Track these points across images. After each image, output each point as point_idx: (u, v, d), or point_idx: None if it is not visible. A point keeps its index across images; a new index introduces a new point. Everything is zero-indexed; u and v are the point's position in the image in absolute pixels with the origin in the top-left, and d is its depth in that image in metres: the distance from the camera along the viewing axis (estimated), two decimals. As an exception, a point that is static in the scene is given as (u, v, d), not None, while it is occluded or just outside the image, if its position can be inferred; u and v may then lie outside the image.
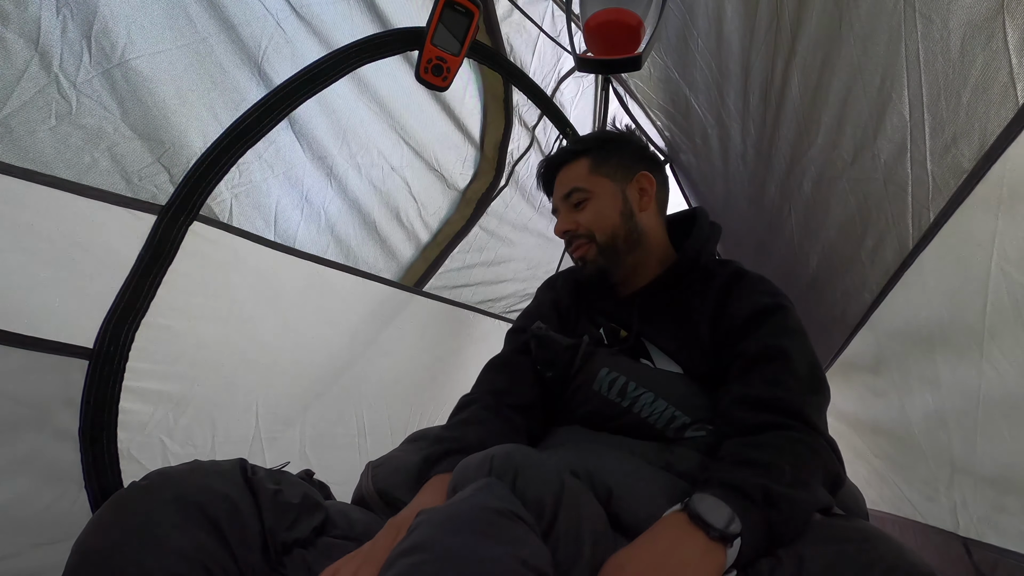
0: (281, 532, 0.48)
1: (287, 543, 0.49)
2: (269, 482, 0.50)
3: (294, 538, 0.49)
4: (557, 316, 0.82)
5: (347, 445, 1.18)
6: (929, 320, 0.79)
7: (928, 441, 0.84)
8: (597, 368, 0.69)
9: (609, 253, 0.76)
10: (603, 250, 0.76)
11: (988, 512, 0.72)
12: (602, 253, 0.76)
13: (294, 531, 0.50)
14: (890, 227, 0.84)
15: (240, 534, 0.45)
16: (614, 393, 0.67)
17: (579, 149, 0.82)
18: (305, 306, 1.03)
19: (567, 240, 0.80)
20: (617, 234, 0.76)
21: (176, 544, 0.41)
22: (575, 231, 0.77)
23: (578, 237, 0.77)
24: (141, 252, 0.75)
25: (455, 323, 1.43)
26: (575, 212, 0.78)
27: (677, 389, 0.67)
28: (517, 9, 1.12)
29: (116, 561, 0.39)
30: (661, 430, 0.65)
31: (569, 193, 0.79)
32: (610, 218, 0.77)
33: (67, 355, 0.71)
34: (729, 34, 1.00)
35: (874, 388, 1.02)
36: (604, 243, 0.76)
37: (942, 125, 0.69)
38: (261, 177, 0.89)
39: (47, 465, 0.72)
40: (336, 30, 0.88)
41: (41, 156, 0.64)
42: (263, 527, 0.47)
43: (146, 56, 0.69)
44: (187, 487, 0.44)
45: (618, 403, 0.67)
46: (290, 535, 0.49)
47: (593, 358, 0.70)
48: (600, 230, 0.76)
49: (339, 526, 0.55)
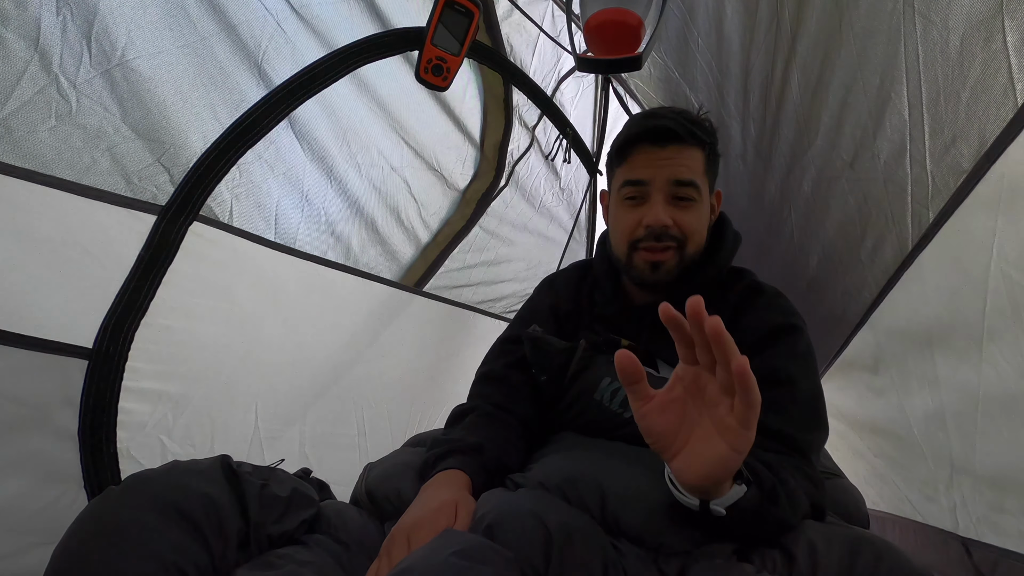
0: (269, 525, 0.48)
1: (274, 536, 0.48)
2: (256, 477, 0.50)
3: (282, 531, 0.49)
4: (555, 321, 0.76)
5: (348, 446, 1.18)
6: (928, 320, 0.79)
7: (927, 441, 0.84)
8: (599, 377, 0.67)
9: (687, 268, 0.67)
10: (685, 263, 0.67)
11: (987, 512, 0.72)
12: (681, 265, 0.67)
13: (282, 524, 0.49)
14: (890, 227, 0.84)
15: (219, 531, 0.44)
16: (616, 404, 0.65)
17: (700, 137, 0.67)
18: (305, 306, 1.03)
19: (653, 234, 0.66)
20: (700, 246, 0.68)
21: (150, 547, 0.40)
22: (670, 229, 0.65)
23: (669, 237, 0.66)
24: (141, 252, 0.75)
25: (455, 323, 1.43)
26: (676, 208, 0.66)
27: None
28: (517, 9, 1.12)
29: (90, 566, 0.39)
30: None
31: (686, 182, 0.65)
32: (703, 231, 0.68)
33: (67, 355, 0.71)
34: (729, 34, 1.00)
35: (874, 387, 1.02)
36: (691, 256, 0.67)
37: (941, 125, 0.69)
38: (261, 177, 0.89)
39: (47, 465, 0.72)
40: (336, 30, 0.88)
41: (41, 156, 0.64)
42: (247, 522, 0.46)
43: (146, 56, 0.69)
44: (163, 488, 0.44)
45: (619, 414, 0.65)
46: (278, 528, 0.49)
47: (594, 366, 0.68)
48: (694, 241, 0.67)
49: (334, 525, 0.55)
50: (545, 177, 1.50)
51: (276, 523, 0.49)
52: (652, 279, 0.68)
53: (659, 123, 0.67)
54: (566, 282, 0.80)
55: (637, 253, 0.68)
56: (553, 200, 1.57)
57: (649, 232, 0.66)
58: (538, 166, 1.46)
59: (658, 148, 0.66)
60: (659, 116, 0.68)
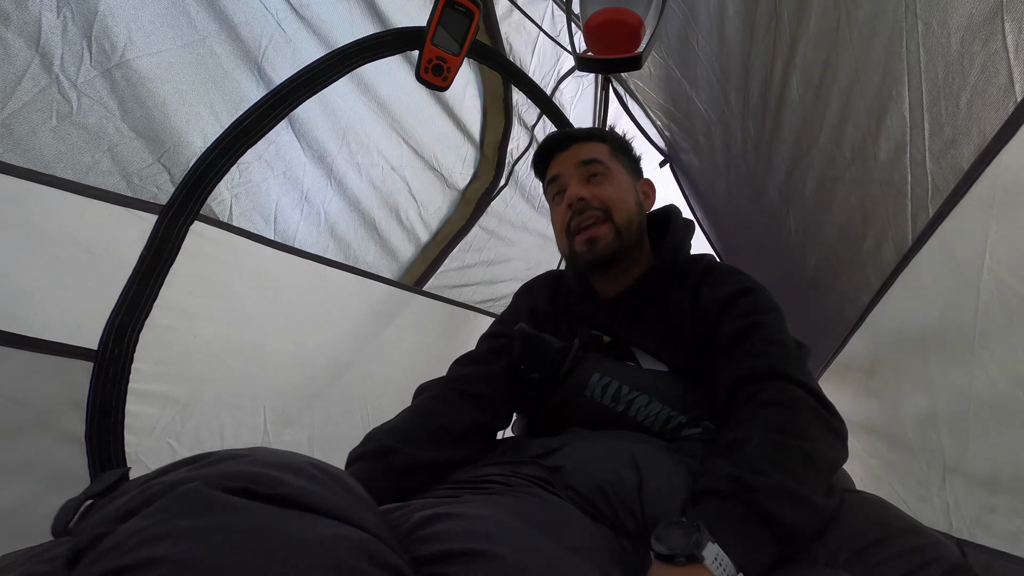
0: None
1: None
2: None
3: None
4: (535, 322, 0.79)
5: (353, 447, 1.18)
6: (923, 322, 0.79)
7: (921, 442, 0.85)
8: (588, 374, 0.68)
9: (624, 237, 0.72)
10: (619, 232, 0.72)
11: (980, 513, 0.72)
12: (618, 236, 0.72)
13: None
14: (889, 227, 0.84)
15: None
16: (607, 398, 0.67)
17: (597, 133, 0.80)
18: (306, 305, 1.04)
19: (576, 211, 0.73)
20: (631, 220, 0.74)
21: None
22: (589, 202, 0.72)
23: (592, 210, 0.72)
24: (143, 252, 0.75)
25: (455, 322, 1.43)
26: (591, 185, 0.74)
27: (670, 389, 0.67)
28: (517, 9, 1.12)
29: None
30: (658, 432, 0.65)
31: (589, 161, 0.75)
32: (628, 201, 0.74)
33: (71, 356, 0.71)
34: (730, 34, 1.00)
35: (869, 389, 1.03)
36: (621, 223, 0.72)
37: (941, 126, 0.69)
38: (261, 177, 0.90)
39: (53, 468, 0.71)
40: (336, 30, 0.88)
41: (42, 156, 0.65)
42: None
43: (146, 56, 0.70)
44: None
45: (612, 408, 0.66)
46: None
47: (583, 363, 0.69)
48: (618, 209, 0.73)
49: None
50: (545, 176, 1.50)
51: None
52: (594, 256, 0.72)
53: (556, 134, 0.83)
54: (543, 286, 0.85)
55: (574, 240, 0.74)
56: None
57: (573, 211, 0.73)
58: (538, 165, 1.46)
59: (563, 150, 0.78)
60: (556, 131, 0.85)
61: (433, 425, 0.66)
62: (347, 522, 0.30)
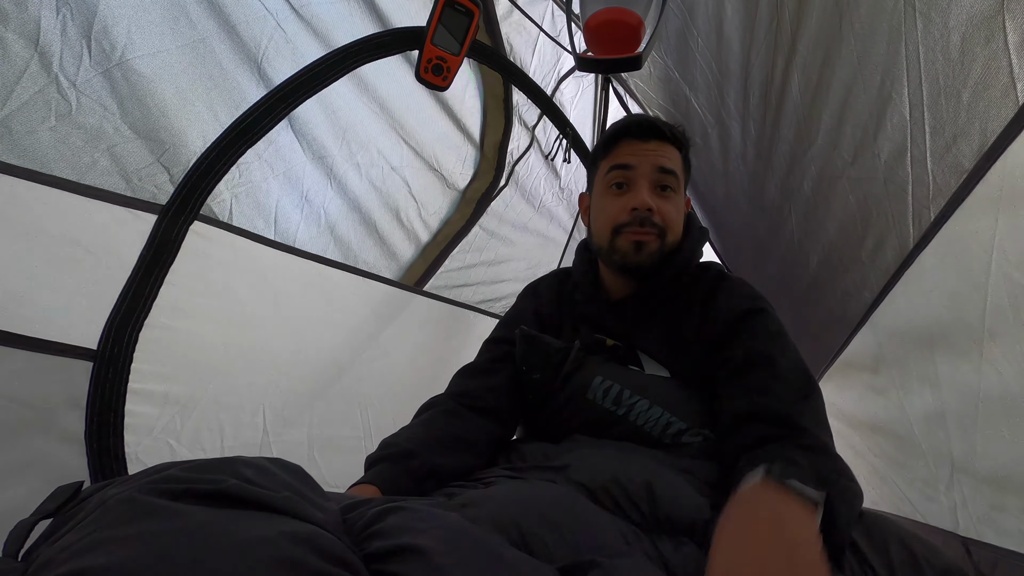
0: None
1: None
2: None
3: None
4: (539, 324, 0.79)
5: (354, 448, 1.17)
6: (929, 319, 0.79)
7: (928, 440, 0.84)
8: (591, 376, 0.67)
9: (665, 257, 0.71)
10: (664, 251, 0.70)
11: (987, 512, 0.72)
12: (661, 253, 0.70)
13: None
14: (890, 227, 0.84)
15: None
16: (609, 401, 0.66)
17: (680, 136, 0.74)
18: (306, 305, 1.03)
19: (640, 219, 0.69)
20: (676, 241, 0.72)
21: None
22: (652, 216, 0.69)
23: (652, 224, 0.69)
24: (143, 252, 0.75)
25: (455, 323, 1.43)
26: (661, 196, 0.71)
27: (671, 395, 0.67)
28: (517, 9, 1.12)
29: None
30: (657, 437, 0.65)
31: (669, 171, 0.71)
32: (679, 223, 0.72)
33: (71, 356, 0.71)
34: (729, 33, 1.00)
35: (874, 387, 1.02)
36: (669, 244, 0.71)
37: (942, 125, 0.68)
38: (261, 177, 0.89)
39: (53, 468, 0.71)
40: (336, 30, 0.88)
41: (41, 156, 0.64)
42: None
43: (146, 56, 0.69)
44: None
45: (613, 411, 0.66)
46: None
47: (585, 366, 0.69)
48: (672, 231, 0.71)
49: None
50: (545, 177, 1.50)
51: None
52: (635, 260, 0.70)
53: (643, 119, 0.74)
54: (548, 287, 0.83)
55: (620, 236, 0.71)
56: (553, 200, 1.57)
57: (634, 216, 0.69)
58: (538, 166, 1.46)
59: (642, 141, 0.72)
60: (642, 116, 0.76)
61: (448, 435, 0.66)
62: (294, 516, 0.30)
